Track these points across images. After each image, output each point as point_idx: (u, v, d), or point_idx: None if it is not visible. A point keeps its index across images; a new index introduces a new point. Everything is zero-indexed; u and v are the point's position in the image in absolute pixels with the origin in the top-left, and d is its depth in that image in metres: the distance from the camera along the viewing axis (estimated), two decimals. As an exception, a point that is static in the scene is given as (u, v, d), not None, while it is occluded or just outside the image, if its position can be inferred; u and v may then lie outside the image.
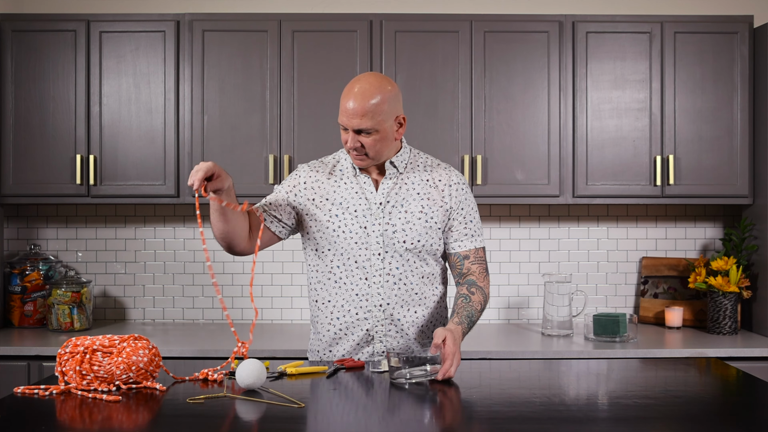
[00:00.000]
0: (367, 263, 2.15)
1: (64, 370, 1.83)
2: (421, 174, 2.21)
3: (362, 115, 2.04)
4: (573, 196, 3.19)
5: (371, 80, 2.08)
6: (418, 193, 2.19)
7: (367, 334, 2.19)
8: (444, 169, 2.25)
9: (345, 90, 2.09)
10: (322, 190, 2.20)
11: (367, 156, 2.11)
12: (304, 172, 2.24)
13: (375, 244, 2.14)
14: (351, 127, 2.06)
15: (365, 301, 2.17)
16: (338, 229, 2.16)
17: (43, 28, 3.15)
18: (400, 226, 2.16)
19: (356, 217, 2.15)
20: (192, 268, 3.50)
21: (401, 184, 2.19)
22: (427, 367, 1.88)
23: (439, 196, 2.20)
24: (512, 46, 3.16)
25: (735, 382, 2.04)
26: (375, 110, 2.05)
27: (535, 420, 1.61)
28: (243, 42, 3.15)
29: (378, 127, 2.07)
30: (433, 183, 2.21)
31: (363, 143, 2.08)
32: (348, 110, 2.05)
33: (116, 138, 3.16)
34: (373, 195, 2.17)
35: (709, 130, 3.19)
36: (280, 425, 1.58)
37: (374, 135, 2.08)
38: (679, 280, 3.42)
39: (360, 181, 2.18)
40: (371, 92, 2.05)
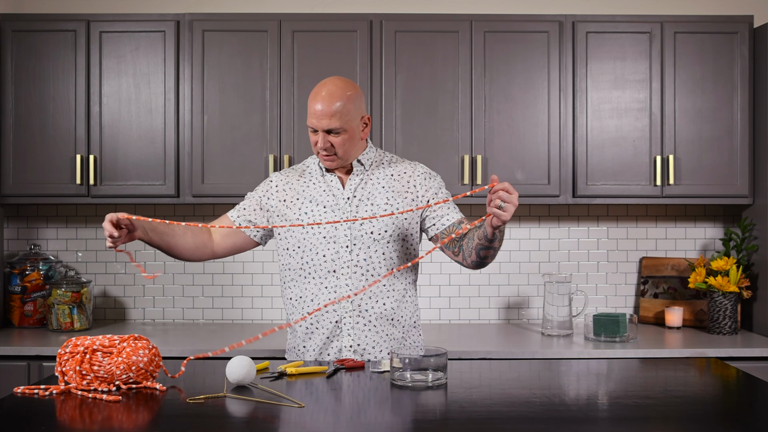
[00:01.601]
0: (336, 256, 2.22)
1: (64, 370, 1.83)
2: (386, 169, 2.32)
3: (331, 116, 2.16)
4: (573, 196, 3.19)
5: (337, 83, 2.21)
6: (383, 186, 2.28)
7: (336, 327, 2.23)
8: (408, 164, 2.36)
9: (312, 94, 2.21)
10: (292, 190, 2.31)
11: (336, 156, 2.22)
12: (276, 177, 2.36)
13: (343, 237, 2.22)
14: (321, 127, 2.18)
15: (333, 293, 2.22)
16: (310, 219, 2.24)
17: (43, 28, 3.15)
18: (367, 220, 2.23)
19: (325, 213, 2.24)
20: (192, 268, 3.50)
21: (367, 179, 2.29)
22: (429, 374, 1.88)
23: (404, 188, 2.29)
24: (512, 46, 3.16)
25: (735, 382, 2.04)
26: (342, 110, 2.17)
27: (535, 420, 1.61)
28: (243, 42, 3.15)
29: (346, 127, 2.18)
30: (397, 176, 2.31)
31: (333, 143, 2.19)
32: (317, 112, 2.17)
33: (116, 138, 3.16)
34: (340, 191, 2.27)
35: (709, 130, 3.19)
36: (279, 425, 1.58)
37: (342, 135, 2.19)
38: (679, 280, 3.42)
39: (327, 180, 2.29)
40: (338, 94, 2.18)
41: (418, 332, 2.36)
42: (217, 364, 2.20)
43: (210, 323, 3.48)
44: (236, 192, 3.14)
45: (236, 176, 3.15)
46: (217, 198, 3.17)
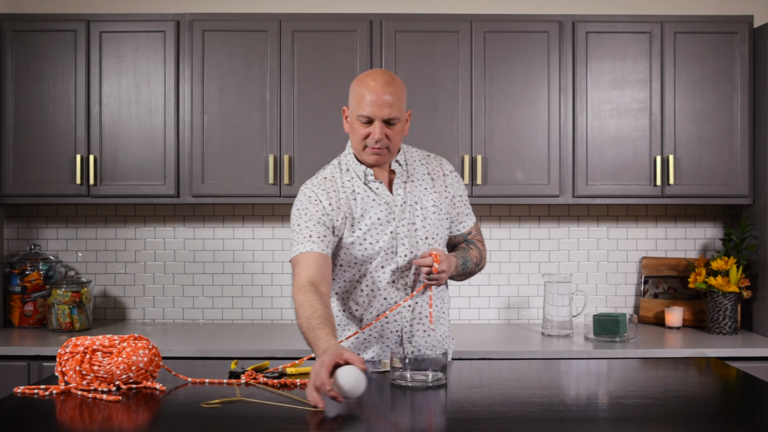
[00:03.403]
0: (394, 266, 2.15)
1: (64, 370, 1.83)
2: (419, 168, 2.23)
3: (390, 105, 2.04)
4: (573, 196, 3.19)
5: (387, 72, 2.11)
6: (425, 188, 2.20)
7: (396, 336, 2.20)
8: (435, 159, 2.28)
9: (364, 83, 2.07)
10: (344, 207, 2.14)
11: (387, 150, 2.10)
12: (321, 195, 2.13)
13: (401, 246, 2.15)
14: (380, 116, 2.05)
15: (392, 303, 2.17)
16: (365, 241, 2.13)
17: (43, 28, 3.15)
18: (420, 224, 2.16)
19: (381, 224, 2.13)
20: (192, 268, 3.50)
21: (408, 181, 2.19)
22: (429, 374, 1.88)
23: (441, 186, 2.23)
24: (512, 46, 3.16)
25: (735, 382, 2.04)
26: (399, 98, 2.07)
27: (535, 420, 1.61)
28: (243, 42, 3.15)
29: (400, 117, 2.08)
30: (433, 174, 2.23)
31: (387, 135, 2.07)
32: (377, 100, 2.04)
33: (116, 138, 3.16)
34: (391, 198, 2.16)
35: (709, 130, 3.19)
36: (280, 425, 1.58)
37: (397, 125, 2.08)
38: (679, 280, 3.42)
39: (373, 188, 2.15)
40: (393, 82, 2.07)
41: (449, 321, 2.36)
42: (216, 365, 2.20)
43: (210, 323, 3.47)
44: (236, 192, 3.14)
45: (236, 176, 3.15)
46: (217, 198, 3.17)
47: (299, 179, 3.14)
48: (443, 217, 2.21)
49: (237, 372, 1.98)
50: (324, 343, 1.80)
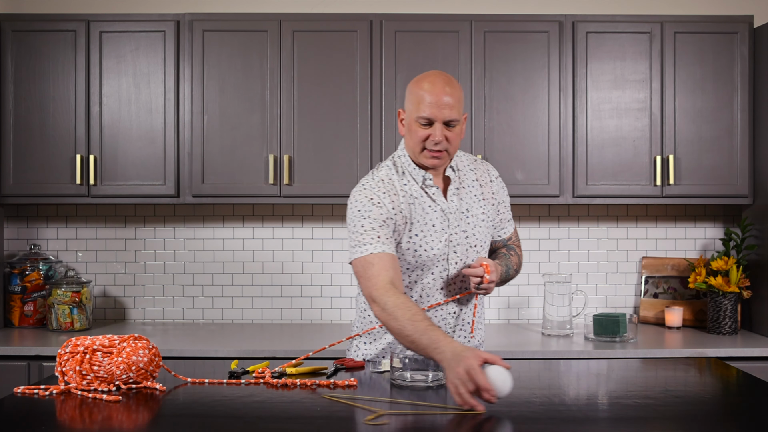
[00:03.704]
0: (444, 273, 2.13)
1: (64, 370, 1.83)
2: (469, 173, 2.20)
3: (451, 106, 2.02)
4: (573, 196, 3.19)
5: (446, 74, 2.08)
6: (475, 195, 2.18)
7: None
8: (482, 164, 2.26)
9: (423, 85, 2.04)
10: (404, 209, 2.09)
11: (446, 152, 2.07)
12: (384, 198, 2.08)
13: (453, 254, 2.13)
14: (442, 118, 2.02)
15: (440, 310, 2.16)
16: (420, 248, 2.10)
17: (43, 28, 3.15)
18: (471, 231, 2.15)
19: (436, 232, 2.11)
20: (192, 268, 3.50)
21: (461, 187, 2.17)
22: (429, 374, 1.88)
23: (489, 193, 2.21)
24: (512, 46, 3.16)
25: (735, 382, 2.04)
26: (459, 100, 2.05)
27: (535, 420, 1.61)
28: (243, 42, 3.15)
29: (459, 119, 2.05)
30: (481, 181, 2.21)
31: (447, 137, 2.04)
32: (439, 101, 2.01)
33: (116, 138, 3.16)
34: (446, 205, 2.12)
35: (709, 130, 3.19)
36: (280, 425, 1.58)
37: (457, 127, 2.06)
38: (679, 280, 3.42)
39: (430, 193, 2.12)
40: (452, 83, 2.05)
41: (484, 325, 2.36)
42: (216, 365, 2.20)
43: (210, 323, 3.47)
44: (236, 192, 3.14)
45: (236, 176, 3.15)
46: (217, 198, 3.17)
47: (299, 179, 3.14)
48: (490, 224, 2.20)
49: (237, 372, 1.98)
50: (448, 345, 1.76)
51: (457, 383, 1.66)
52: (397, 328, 1.89)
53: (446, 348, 1.75)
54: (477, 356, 1.67)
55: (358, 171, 3.12)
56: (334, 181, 3.13)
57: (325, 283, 3.49)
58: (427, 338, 1.80)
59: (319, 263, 3.49)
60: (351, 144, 3.15)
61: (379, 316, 1.95)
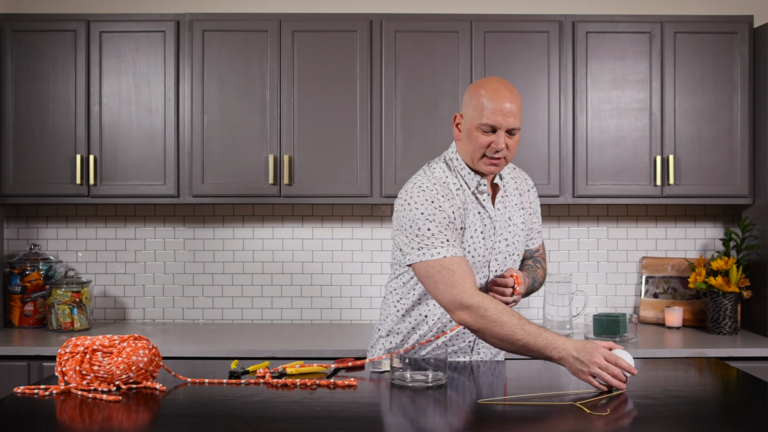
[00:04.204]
0: (483, 280, 2.14)
1: (64, 370, 1.83)
2: (510, 182, 2.20)
3: (516, 114, 2.02)
4: (573, 196, 3.19)
5: (506, 81, 2.07)
6: (515, 203, 2.19)
7: (467, 346, 2.19)
8: (520, 173, 2.28)
9: (490, 90, 2.03)
10: (460, 217, 2.09)
11: (504, 160, 2.06)
12: (444, 202, 2.05)
13: (494, 261, 2.14)
14: (507, 126, 2.01)
15: None
16: (468, 253, 2.09)
17: (43, 28, 3.15)
18: (511, 240, 2.16)
19: (483, 239, 2.10)
20: (192, 268, 3.50)
21: (505, 195, 2.17)
22: (429, 374, 1.88)
23: (527, 203, 2.23)
24: (512, 46, 3.16)
25: (735, 382, 2.04)
26: (520, 108, 2.05)
27: (536, 420, 1.61)
28: (243, 42, 3.15)
29: (521, 127, 2.06)
30: (521, 190, 2.23)
31: (508, 145, 2.04)
32: (505, 109, 2.00)
33: (116, 138, 3.16)
34: (494, 212, 2.13)
35: (709, 130, 3.19)
36: (280, 425, 1.58)
37: (517, 135, 2.06)
38: (679, 280, 3.42)
39: (481, 200, 2.11)
40: (514, 91, 2.05)
41: None
42: (216, 365, 2.20)
43: (210, 323, 3.47)
44: (236, 192, 3.14)
45: (236, 176, 3.15)
46: (217, 198, 3.17)
47: (299, 179, 3.14)
48: (526, 233, 2.22)
49: (237, 372, 1.98)
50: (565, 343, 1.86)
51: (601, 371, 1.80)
52: (503, 334, 1.90)
53: (566, 345, 1.85)
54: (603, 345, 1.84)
55: (358, 171, 3.12)
56: (334, 181, 3.13)
57: (325, 283, 3.49)
58: (543, 340, 1.87)
59: (319, 263, 3.49)
60: (351, 144, 3.15)
61: (475, 323, 1.93)
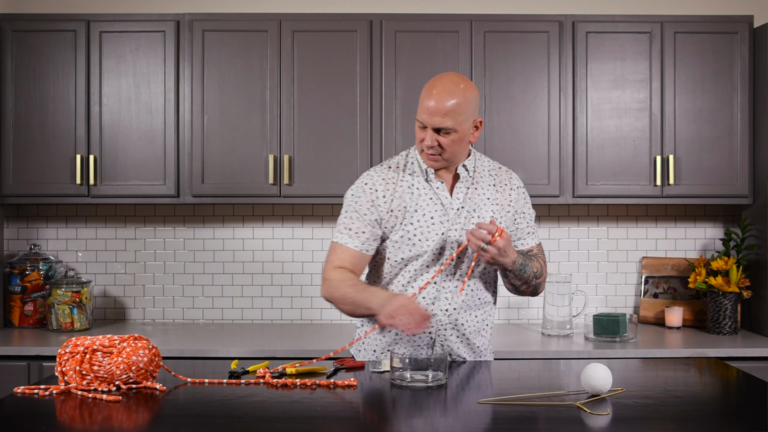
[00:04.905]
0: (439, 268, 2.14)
1: (64, 370, 1.83)
2: (487, 178, 2.22)
3: (444, 114, 2.04)
4: (573, 196, 3.19)
5: (454, 80, 2.09)
6: (488, 198, 2.19)
7: (429, 338, 2.19)
8: (506, 172, 2.28)
9: (426, 87, 2.08)
10: (399, 199, 2.15)
11: (441, 156, 2.10)
12: (378, 184, 2.17)
13: (450, 250, 2.14)
14: (431, 125, 2.06)
15: (432, 305, 2.16)
16: (415, 237, 2.13)
17: (43, 28, 3.15)
18: None
19: (433, 224, 2.13)
20: (192, 268, 3.50)
21: (472, 189, 2.19)
22: (429, 374, 1.88)
23: (506, 200, 2.23)
24: (512, 46, 3.16)
25: (735, 382, 2.04)
26: (456, 110, 2.05)
27: (535, 420, 1.61)
28: (243, 42, 3.15)
29: (457, 128, 2.06)
30: (500, 187, 2.23)
31: (440, 143, 2.07)
32: (430, 108, 2.05)
33: (116, 138, 3.16)
34: (449, 200, 2.16)
35: (709, 130, 3.19)
36: (280, 426, 1.58)
37: (452, 135, 2.07)
38: (679, 280, 3.42)
39: (434, 187, 2.16)
40: (454, 91, 2.06)
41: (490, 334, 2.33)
42: (216, 365, 2.20)
43: (210, 323, 3.47)
44: (236, 192, 3.14)
45: (236, 176, 3.15)
46: (217, 198, 3.17)
47: (299, 179, 3.14)
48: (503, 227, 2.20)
49: (237, 372, 1.98)
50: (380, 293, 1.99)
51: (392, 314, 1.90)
52: (339, 296, 2.07)
53: (378, 296, 1.99)
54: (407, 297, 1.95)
55: (358, 171, 3.12)
56: (334, 181, 3.13)
57: (325, 283, 3.48)
58: (363, 295, 2.02)
59: (319, 263, 3.49)
60: (351, 144, 3.15)
61: (326, 293, 2.12)
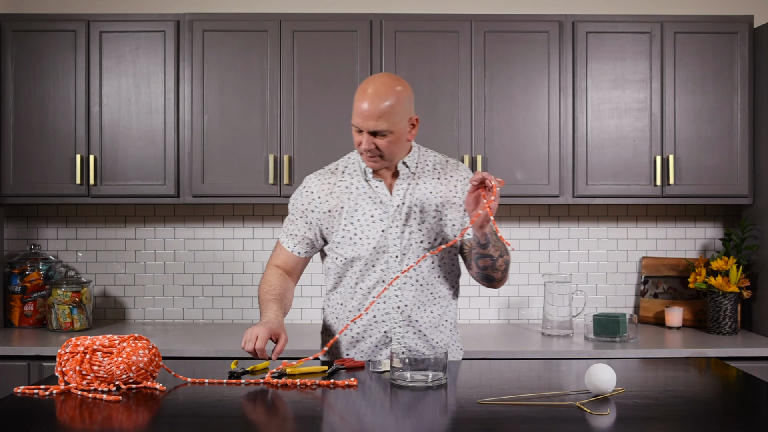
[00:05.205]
0: (385, 266, 2.15)
1: (64, 370, 1.83)
2: (432, 173, 2.21)
3: (378, 117, 2.04)
4: (573, 196, 3.19)
5: (385, 81, 2.08)
6: (431, 192, 2.19)
7: (384, 336, 2.19)
8: (453, 165, 2.25)
9: (358, 91, 2.08)
10: (336, 200, 2.18)
11: (381, 158, 2.11)
12: (315, 185, 2.22)
13: (393, 247, 2.15)
14: (366, 128, 2.05)
15: (383, 303, 2.17)
16: (355, 236, 2.15)
17: (43, 28, 3.15)
18: (416, 227, 2.16)
19: (373, 222, 2.15)
20: (192, 268, 3.50)
21: (414, 184, 2.19)
22: (429, 374, 1.88)
23: (451, 194, 2.20)
24: (512, 46, 3.16)
25: (735, 382, 2.04)
26: (390, 112, 2.04)
27: (535, 420, 1.61)
28: (243, 42, 3.15)
29: (393, 129, 2.06)
30: (445, 180, 2.21)
31: (377, 145, 2.08)
32: (363, 112, 2.04)
33: (116, 138, 3.16)
34: (388, 198, 2.16)
35: (709, 130, 3.19)
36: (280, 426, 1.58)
37: (389, 136, 2.07)
38: (679, 280, 3.42)
39: (372, 186, 2.18)
40: (386, 93, 2.05)
41: (457, 332, 2.33)
42: (216, 365, 2.20)
43: (210, 323, 3.48)
44: (236, 192, 3.14)
45: (236, 176, 3.15)
46: (217, 198, 3.17)
47: (299, 179, 3.14)
48: (447, 223, 2.19)
49: (237, 372, 1.98)
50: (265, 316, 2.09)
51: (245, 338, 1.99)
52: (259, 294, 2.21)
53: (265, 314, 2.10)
54: (269, 328, 2.00)
55: (358, 171, 3.12)
56: (334, 181, 3.13)
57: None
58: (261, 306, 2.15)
59: (318, 263, 3.48)
60: (351, 144, 3.13)
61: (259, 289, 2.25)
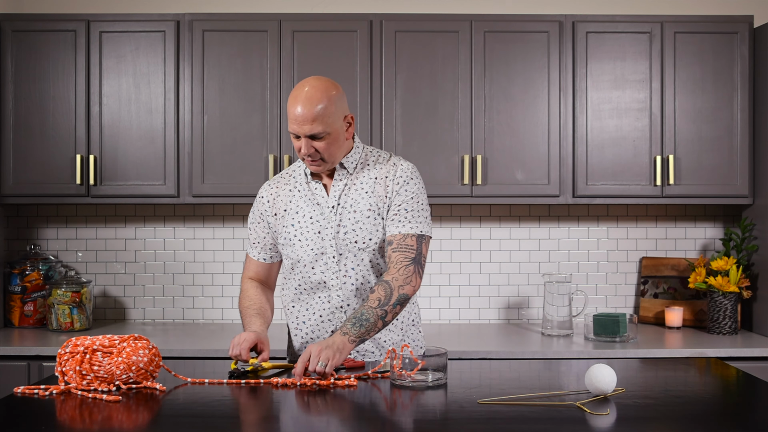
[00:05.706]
0: (324, 267, 2.18)
1: (64, 370, 1.83)
2: (370, 172, 2.21)
3: (312, 120, 2.05)
4: (573, 196, 3.19)
5: (315, 84, 2.09)
6: (366, 191, 2.19)
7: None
8: (392, 164, 2.21)
9: (290, 98, 2.09)
10: (280, 203, 2.25)
11: (323, 160, 2.13)
12: (265, 190, 2.31)
13: (329, 247, 2.17)
14: (303, 133, 2.07)
15: (327, 303, 2.20)
16: (295, 237, 2.20)
17: (43, 28, 3.15)
18: (350, 227, 2.16)
19: (311, 223, 2.18)
20: (192, 268, 3.50)
21: (351, 185, 2.20)
22: (429, 374, 1.88)
23: (384, 192, 2.18)
24: (512, 46, 3.16)
25: (735, 382, 2.04)
26: (324, 113, 2.06)
27: (535, 420, 1.61)
28: (243, 42, 3.15)
29: (329, 130, 2.08)
30: (381, 179, 2.19)
31: (317, 148, 2.10)
32: (297, 117, 2.06)
33: (116, 138, 3.16)
34: (324, 199, 2.19)
35: (709, 130, 3.19)
36: (280, 426, 1.58)
37: (327, 138, 2.09)
38: (679, 280, 3.42)
39: (312, 188, 2.22)
40: (317, 96, 2.06)
41: (417, 330, 2.32)
42: (216, 365, 2.20)
43: (210, 323, 3.48)
44: (236, 192, 3.14)
45: (236, 176, 3.15)
46: (217, 198, 3.17)
47: (299, 179, 3.14)
48: (380, 222, 2.18)
49: (237, 372, 1.98)
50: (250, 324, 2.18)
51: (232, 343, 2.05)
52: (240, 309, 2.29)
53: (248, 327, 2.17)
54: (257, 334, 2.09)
55: (358, 171, 3.12)
56: (334, 181, 3.13)
57: (325, 283, 3.48)
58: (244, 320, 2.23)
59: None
60: (351, 144, 3.14)
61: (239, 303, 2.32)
